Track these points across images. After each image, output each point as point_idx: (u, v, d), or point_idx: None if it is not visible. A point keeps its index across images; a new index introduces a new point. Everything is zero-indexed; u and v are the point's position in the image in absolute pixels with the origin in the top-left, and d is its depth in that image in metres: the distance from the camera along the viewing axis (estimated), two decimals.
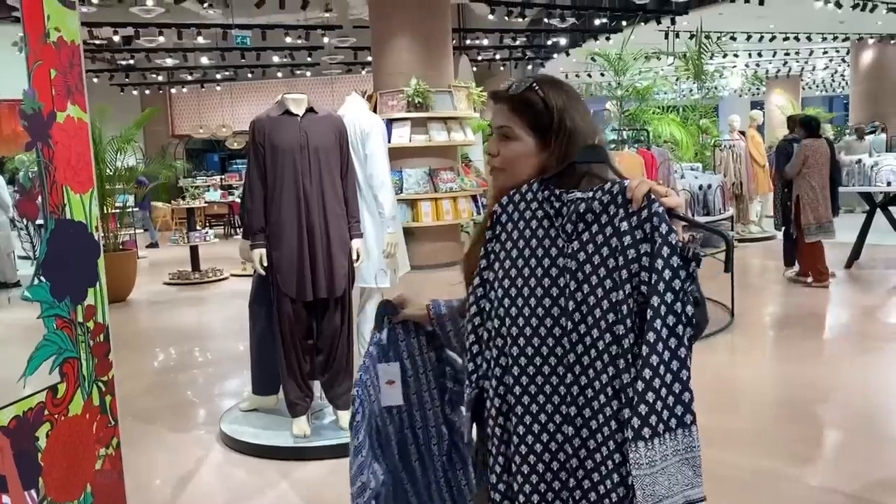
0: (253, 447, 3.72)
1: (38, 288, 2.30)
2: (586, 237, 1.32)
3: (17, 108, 5.13)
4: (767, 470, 3.39)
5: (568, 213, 1.34)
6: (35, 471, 2.24)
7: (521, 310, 1.37)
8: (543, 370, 1.35)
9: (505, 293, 1.38)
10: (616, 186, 1.31)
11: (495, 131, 1.47)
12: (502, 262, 1.40)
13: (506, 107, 1.45)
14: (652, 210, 1.26)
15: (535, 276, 1.36)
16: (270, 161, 3.57)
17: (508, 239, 1.41)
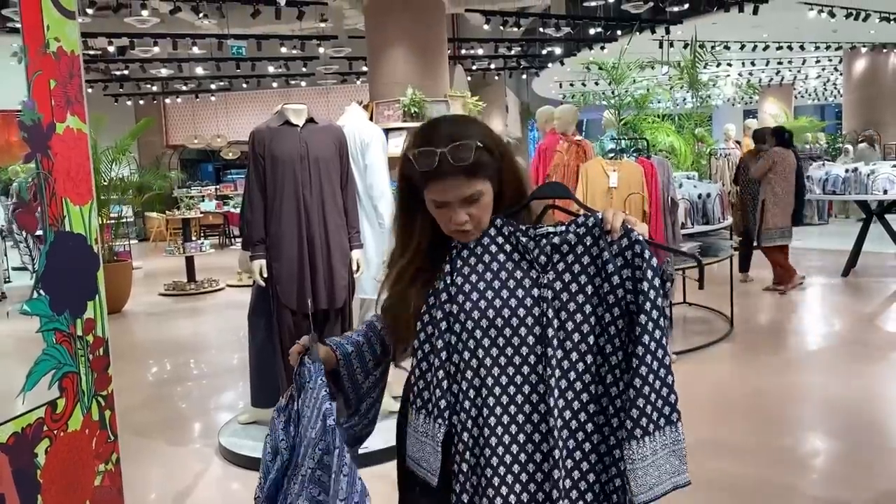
0: (252, 461, 3.66)
1: (38, 301, 2.26)
2: (562, 267, 1.40)
3: (11, 119, 5.07)
4: (769, 480, 3.37)
5: (542, 247, 1.40)
6: (34, 488, 2.20)
7: (494, 340, 1.39)
8: (517, 399, 1.39)
9: (475, 325, 1.40)
10: (591, 219, 1.40)
11: (459, 203, 1.40)
12: (468, 294, 1.41)
13: (463, 177, 1.38)
14: (632, 238, 1.37)
15: (507, 307, 1.40)
16: (270, 172, 3.54)
17: (473, 272, 1.42)
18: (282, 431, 1.52)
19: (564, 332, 1.38)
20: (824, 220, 13.57)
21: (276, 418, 1.54)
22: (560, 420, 1.37)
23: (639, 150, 5.23)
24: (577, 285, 1.39)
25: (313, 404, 1.43)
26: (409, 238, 1.53)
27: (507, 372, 1.39)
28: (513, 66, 17.48)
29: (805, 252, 9.58)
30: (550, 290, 1.39)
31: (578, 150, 5.70)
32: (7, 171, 10.98)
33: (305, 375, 1.50)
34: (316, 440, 1.38)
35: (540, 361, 1.38)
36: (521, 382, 1.39)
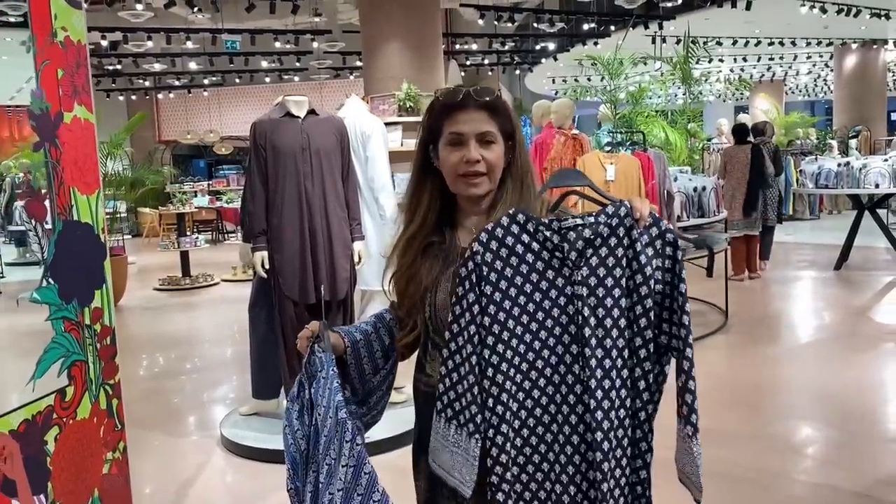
0: (255, 451, 3.69)
1: (47, 290, 2.27)
2: (595, 261, 1.34)
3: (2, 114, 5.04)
4: (764, 467, 3.42)
5: (571, 241, 1.34)
6: (44, 475, 2.22)
7: (530, 345, 1.36)
8: (556, 399, 1.36)
9: (511, 334, 1.35)
10: (622, 209, 1.34)
11: (474, 138, 1.45)
12: (500, 303, 1.35)
13: (484, 113, 1.47)
14: (662, 227, 1.35)
15: (541, 310, 1.35)
16: (272, 163, 3.56)
17: (501, 278, 1.36)
18: (297, 422, 1.52)
19: (603, 330, 1.33)
20: (815, 214, 13.68)
21: (291, 408, 1.55)
22: (606, 422, 1.33)
23: (635, 143, 5.27)
24: (612, 279, 1.33)
25: (328, 395, 1.42)
26: (419, 205, 1.55)
27: (546, 375, 1.36)
28: (506, 62, 17.51)
29: (797, 246, 9.67)
30: (585, 286, 1.34)
31: (575, 143, 5.73)
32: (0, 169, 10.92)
33: (317, 364, 1.49)
34: (333, 432, 1.39)
35: (576, 362, 1.34)
36: (559, 383, 1.36)
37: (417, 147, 1.57)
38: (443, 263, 1.51)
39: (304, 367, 1.54)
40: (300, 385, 1.54)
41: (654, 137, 7.95)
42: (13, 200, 9.84)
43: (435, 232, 1.55)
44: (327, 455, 1.39)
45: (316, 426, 1.46)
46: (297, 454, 1.51)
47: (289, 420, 1.53)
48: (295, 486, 1.53)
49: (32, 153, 10.75)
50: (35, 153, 2.27)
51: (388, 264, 1.61)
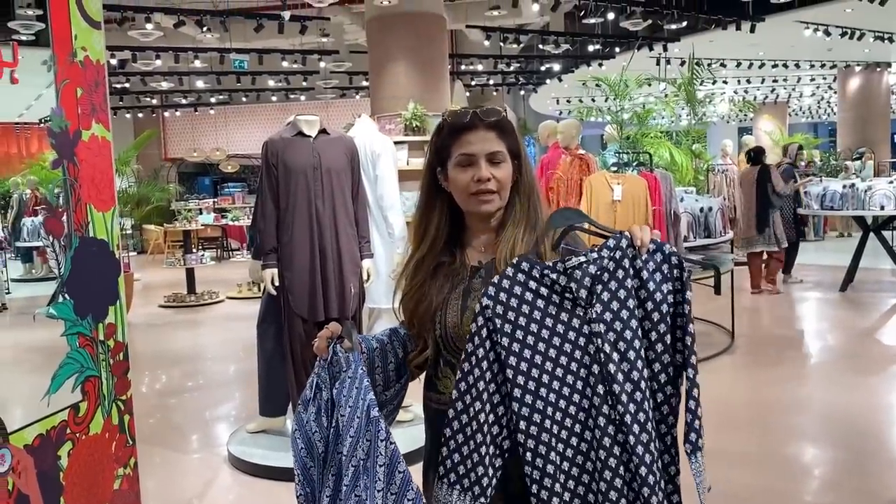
0: (262, 468, 3.69)
1: (63, 305, 2.30)
2: (606, 297, 1.34)
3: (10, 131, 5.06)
4: (769, 487, 3.41)
5: (579, 280, 1.34)
6: (57, 490, 2.22)
7: (559, 391, 1.34)
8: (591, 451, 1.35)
9: (538, 383, 1.34)
10: (623, 240, 1.36)
11: (484, 158, 1.48)
12: (519, 353, 1.34)
13: (493, 133, 1.50)
14: (666, 252, 1.36)
15: (564, 354, 1.34)
16: (283, 182, 3.58)
17: (516, 328, 1.34)
18: (314, 423, 1.50)
19: (628, 363, 1.32)
20: (819, 236, 13.69)
21: (304, 411, 1.52)
22: (648, 455, 1.32)
23: (642, 163, 5.30)
24: (627, 311, 1.33)
25: (356, 394, 1.41)
26: (427, 226, 1.57)
27: (580, 419, 1.34)
28: (511, 82, 17.63)
29: (802, 267, 9.66)
30: (601, 322, 1.33)
31: (581, 163, 5.77)
32: (7, 184, 10.98)
33: (342, 364, 1.47)
34: (364, 430, 1.37)
35: (605, 402, 1.32)
36: (593, 426, 1.34)
37: (425, 169, 1.59)
38: (452, 282, 1.53)
39: (325, 368, 1.51)
40: (316, 387, 1.52)
41: (660, 158, 7.99)
42: (20, 217, 9.89)
43: (444, 252, 1.57)
44: (353, 456, 1.38)
45: (337, 427, 1.44)
46: (308, 458, 1.50)
47: (299, 424, 1.51)
48: (305, 491, 1.51)
49: (40, 170, 10.83)
50: (52, 170, 2.30)
51: (397, 286, 1.62)
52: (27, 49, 2.30)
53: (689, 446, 1.35)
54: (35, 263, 12.11)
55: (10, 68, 2.11)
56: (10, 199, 11.33)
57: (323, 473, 1.47)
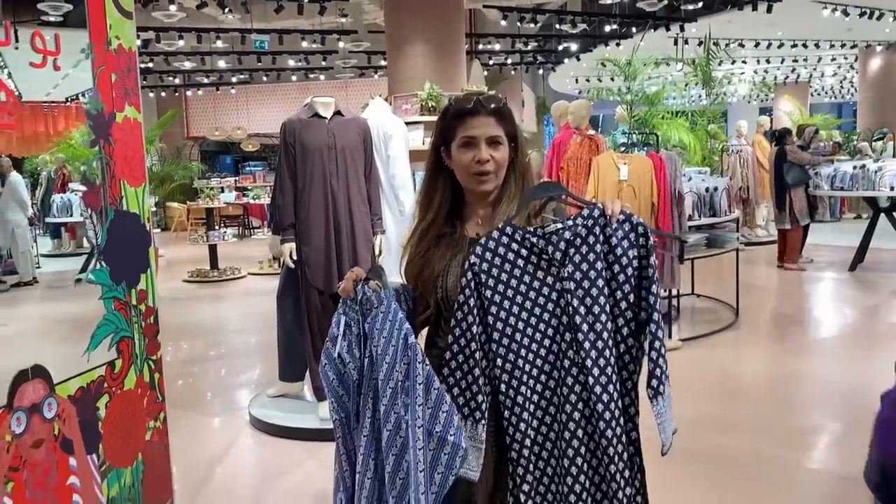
0: (282, 429, 3.94)
1: (100, 272, 2.53)
2: (578, 258, 1.55)
3: (39, 109, 5.35)
4: (769, 454, 3.59)
5: (555, 243, 1.56)
6: (96, 437, 2.47)
7: (532, 336, 1.58)
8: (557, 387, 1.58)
9: (514, 329, 1.58)
10: (595, 210, 1.57)
11: (484, 141, 1.67)
12: (500, 303, 1.58)
13: (493, 119, 1.69)
14: (634, 222, 1.57)
15: (538, 305, 1.58)
16: (300, 161, 3.80)
17: (499, 282, 1.58)
18: (347, 355, 1.69)
19: (592, 316, 1.54)
20: (836, 217, 13.70)
21: (332, 347, 1.70)
22: (605, 395, 1.53)
23: (648, 144, 5.44)
24: (594, 272, 1.54)
25: (390, 326, 1.62)
26: (431, 200, 1.77)
27: (549, 360, 1.58)
28: (529, 62, 17.66)
29: (815, 248, 9.75)
30: (572, 280, 1.55)
31: (591, 143, 5.93)
32: (35, 161, 11.30)
33: (373, 301, 1.65)
34: (401, 355, 1.57)
35: (571, 347, 1.56)
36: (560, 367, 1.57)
37: (430, 148, 1.78)
38: (452, 251, 1.72)
39: (353, 307, 1.69)
40: (345, 325, 1.69)
41: (670, 139, 8.11)
42: (49, 193, 10.21)
43: (446, 223, 1.76)
44: (390, 379, 1.59)
45: (371, 357, 1.65)
46: (339, 388, 1.71)
47: (328, 359, 1.71)
48: (339, 416, 1.72)
49: (67, 148, 11.12)
50: (89, 149, 2.52)
51: (404, 253, 1.82)
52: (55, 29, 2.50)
53: (651, 391, 1.57)
54: (63, 239, 12.48)
55: (53, 56, 2.33)
56: (39, 177, 11.66)
57: (360, 397, 1.68)
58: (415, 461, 1.53)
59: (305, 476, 3.52)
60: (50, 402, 2.26)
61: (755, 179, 10.53)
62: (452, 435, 1.52)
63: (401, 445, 1.58)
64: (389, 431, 1.59)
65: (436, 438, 1.53)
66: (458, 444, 1.53)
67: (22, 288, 8.97)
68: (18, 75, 2.91)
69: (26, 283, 9.01)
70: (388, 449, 1.60)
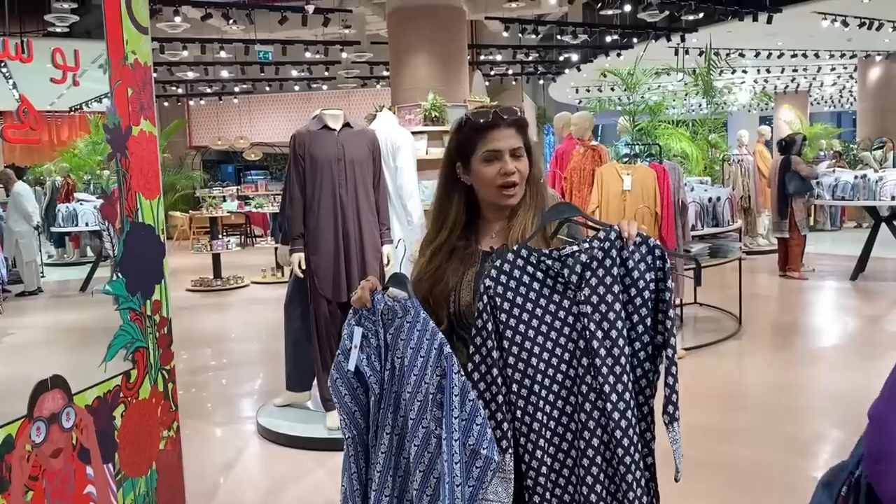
0: (290, 438, 3.97)
1: (116, 283, 2.57)
2: (594, 282, 1.51)
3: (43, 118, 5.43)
4: (773, 462, 3.62)
5: (571, 266, 1.52)
6: (112, 447, 2.51)
7: (548, 361, 1.54)
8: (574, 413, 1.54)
9: (529, 353, 1.54)
10: (612, 233, 1.53)
11: (508, 153, 1.66)
12: (515, 327, 1.54)
13: (513, 130, 1.68)
14: (651, 244, 1.54)
15: (554, 329, 1.54)
16: (310, 172, 3.84)
17: (514, 306, 1.54)
18: (367, 368, 1.62)
19: (610, 340, 1.50)
20: (836, 226, 13.74)
21: (344, 360, 1.63)
22: (623, 421, 1.49)
23: (651, 154, 5.49)
24: (611, 295, 1.50)
25: (419, 335, 1.56)
26: (446, 216, 1.74)
27: (566, 386, 1.54)
28: (530, 72, 17.75)
29: (817, 256, 9.79)
30: (588, 304, 1.51)
31: (594, 154, 5.97)
32: (39, 170, 11.35)
33: (396, 311, 1.60)
34: (433, 366, 1.53)
35: (588, 372, 1.51)
36: (577, 392, 1.53)
37: (444, 163, 1.76)
38: (465, 265, 1.70)
39: (370, 318, 1.63)
40: (363, 336, 1.63)
41: (672, 149, 8.16)
42: (54, 203, 10.25)
43: (460, 237, 1.74)
44: (418, 392, 1.54)
45: (393, 368, 1.60)
46: (352, 404, 1.65)
47: (340, 372, 1.64)
48: (352, 434, 1.66)
49: (72, 157, 11.18)
50: (93, 158, 2.56)
51: (414, 268, 1.80)
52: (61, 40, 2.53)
53: (667, 417, 1.53)
54: (67, 248, 12.51)
55: (72, 72, 2.37)
56: (44, 186, 11.71)
57: (379, 412, 1.63)
58: (450, 474, 1.48)
59: (314, 485, 3.55)
60: (68, 412, 2.29)
61: (756, 189, 10.58)
62: (485, 448, 1.48)
63: (429, 461, 1.54)
64: (417, 447, 1.55)
65: (468, 451, 1.49)
66: (490, 458, 1.48)
67: (27, 297, 9.02)
68: (23, 85, 2.95)
69: (31, 293, 9.05)
70: (415, 465, 1.55)
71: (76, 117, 15.64)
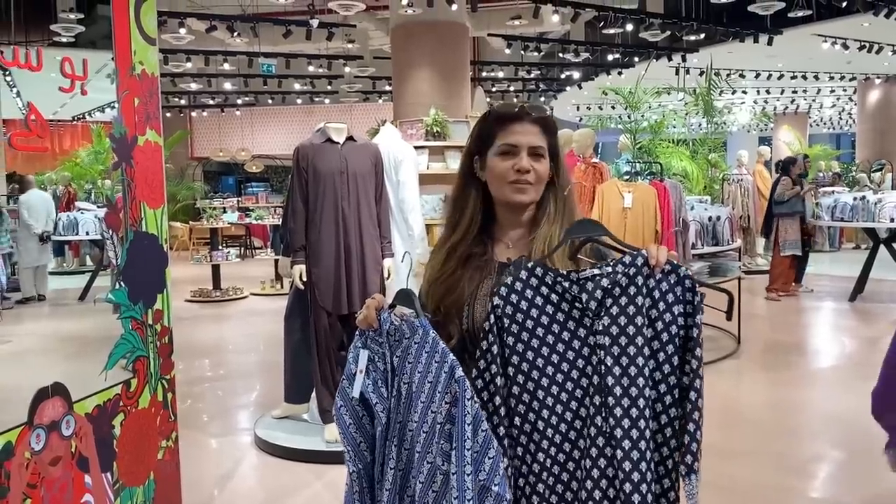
0: (287, 451, 3.96)
1: (119, 292, 2.58)
2: (616, 311, 1.33)
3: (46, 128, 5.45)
4: (771, 482, 3.62)
5: (590, 291, 1.35)
6: (111, 456, 2.50)
7: (557, 396, 1.37)
8: (581, 459, 1.36)
9: (536, 384, 1.37)
10: (639, 258, 1.35)
11: (526, 150, 1.51)
12: (522, 353, 1.38)
13: (537, 128, 1.53)
14: (681, 274, 1.36)
15: (566, 360, 1.36)
16: (312, 184, 3.86)
17: (523, 330, 1.38)
18: (374, 395, 1.47)
19: (628, 378, 1.32)
20: (835, 247, 13.78)
21: (349, 386, 1.49)
22: (636, 473, 1.31)
23: (653, 173, 5.52)
24: (633, 327, 1.32)
25: (427, 358, 1.40)
26: (462, 213, 1.59)
27: (574, 426, 1.37)
28: (531, 89, 17.86)
29: (815, 277, 9.81)
30: (607, 335, 1.33)
31: (595, 171, 6.01)
32: (40, 179, 11.40)
33: (404, 331, 1.44)
34: (442, 393, 1.36)
35: (599, 413, 1.33)
36: (585, 435, 1.35)
37: (463, 156, 1.62)
38: (480, 276, 1.54)
39: (377, 340, 1.48)
40: (369, 360, 1.48)
41: (672, 168, 8.21)
42: (55, 212, 10.25)
43: (476, 243, 1.58)
44: (424, 422, 1.38)
45: (399, 395, 1.44)
46: (357, 434, 1.50)
47: (344, 399, 1.49)
48: (357, 468, 1.51)
49: (73, 166, 11.29)
50: (95, 167, 2.58)
51: (426, 271, 1.63)
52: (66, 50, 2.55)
53: (685, 468, 1.35)
54: (66, 257, 12.51)
55: (80, 81, 2.39)
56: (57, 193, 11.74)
57: (385, 443, 1.47)
58: None
59: (311, 498, 3.53)
60: (68, 420, 2.29)
61: (755, 208, 10.62)
62: (497, 485, 1.32)
63: (433, 501, 1.39)
64: (422, 484, 1.39)
65: (478, 487, 1.33)
66: (501, 496, 1.33)
67: (24, 305, 9.01)
68: (26, 94, 2.95)
69: (27, 300, 9.05)
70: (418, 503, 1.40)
71: (78, 126, 15.72)
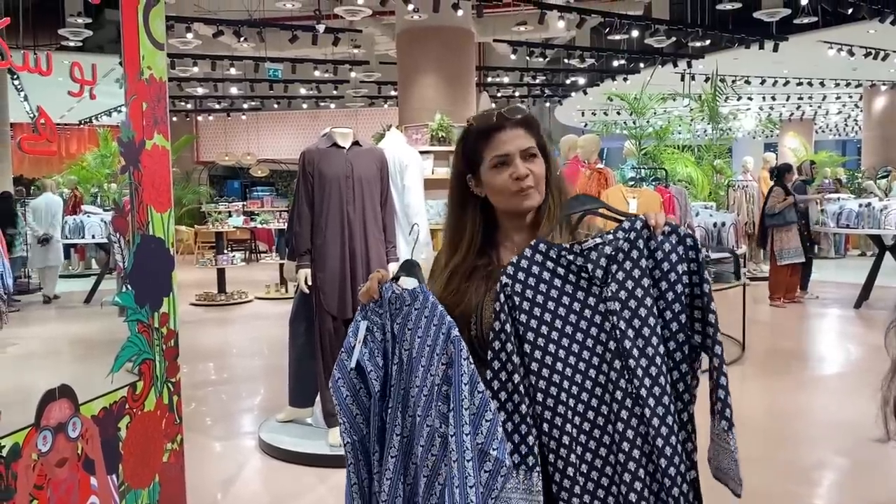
0: (292, 454, 3.97)
1: (126, 295, 2.59)
2: (621, 276, 1.37)
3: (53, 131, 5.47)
4: (776, 490, 3.61)
5: (594, 260, 1.38)
6: (116, 458, 2.51)
7: (575, 366, 1.38)
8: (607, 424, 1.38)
9: (554, 358, 1.38)
10: (638, 222, 1.39)
11: (518, 155, 1.50)
12: (537, 329, 1.39)
13: (521, 129, 1.52)
14: (681, 234, 1.39)
15: (580, 331, 1.38)
16: (318, 189, 3.87)
17: (534, 306, 1.39)
18: (368, 363, 1.47)
19: (643, 339, 1.36)
20: (840, 253, 13.75)
21: (347, 359, 1.49)
22: (664, 427, 1.35)
23: (658, 178, 5.52)
24: (641, 290, 1.36)
25: (426, 322, 1.40)
26: (461, 233, 1.58)
27: (596, 394, 1.38)
28: (536, 95, 17.88)
29: (820, 284, 9.78)
30: (616, 300, 1.36)
31: (600, 177, 6.01)
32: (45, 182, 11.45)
33: (405, 298, 1.44)
34: (440, 354, 1.36)
35: (622, 375, 1.36)
36: (610, 400, 1.37)
37: (452, 178, 1.60)
38: (487, 284, 1.52)
39: (377, 312, 1.48)
40: (367, 331, 1.48)
41: (677, 174, 8.21)
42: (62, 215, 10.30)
43: (479, 256, 1.57)
44: (425, 385, 1.38)
45: (401, 362, 1.44)
46: (353, 406, 1.50)
47: (342, 371, 1.49)
48: (352, 439, 1.51)
49: (80, 170, 11.38)
50: (101, 171, 2.60)
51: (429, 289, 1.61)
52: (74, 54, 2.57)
53: (726, 423, 1.42)
54: (72, 260, 12.56)
55: (89, 86, 2.41)
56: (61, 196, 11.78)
57: (388, 411, 1.46)
58: (460, 476, 1.29)
59: (315, 501, 3.54)
60: (75, 422, 2.30)
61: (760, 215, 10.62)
62: (495, 449, 1.30)
63: (433, 465, 1.37)
64: (422, 447, 1.38)
65: (475, 451, 1.31)
66: (501, 461, 1.30)
67: (32, 307, 9.05)
68: (34, 98, 2.96)
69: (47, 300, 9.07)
70: (420, 469, 1.38)
71: (85, 130, 15.78)
